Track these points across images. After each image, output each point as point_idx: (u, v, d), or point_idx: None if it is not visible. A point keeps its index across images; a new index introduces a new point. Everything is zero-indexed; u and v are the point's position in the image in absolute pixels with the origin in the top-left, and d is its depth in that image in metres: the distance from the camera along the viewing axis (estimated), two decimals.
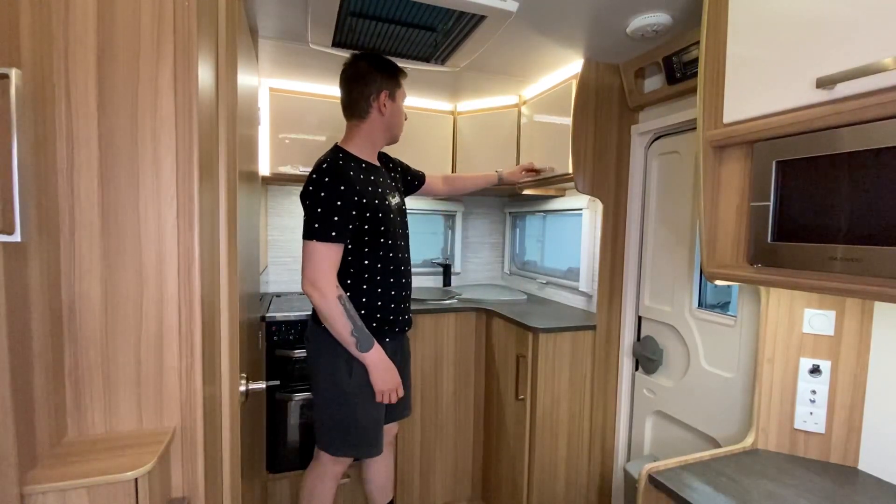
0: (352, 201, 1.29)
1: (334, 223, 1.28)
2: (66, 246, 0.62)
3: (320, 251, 1.28)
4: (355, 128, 1.42)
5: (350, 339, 1.30)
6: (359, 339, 1.30)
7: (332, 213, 1.27)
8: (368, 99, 1.39)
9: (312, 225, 1.28)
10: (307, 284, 1.28)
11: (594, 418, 1.83)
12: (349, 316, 1.29)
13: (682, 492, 0.91)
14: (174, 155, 0.65)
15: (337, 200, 1.28)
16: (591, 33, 1.47)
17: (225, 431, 0.83)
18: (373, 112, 1.40)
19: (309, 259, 1.28)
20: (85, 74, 0.61)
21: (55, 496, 0.54)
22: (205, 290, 0.69)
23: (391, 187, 1.48)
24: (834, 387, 1.03)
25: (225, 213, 0.81)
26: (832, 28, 0.78)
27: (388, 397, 1.37)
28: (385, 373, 1.35)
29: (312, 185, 1.30)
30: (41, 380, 0.57)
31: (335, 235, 1.28)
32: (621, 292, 1.82)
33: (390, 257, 1.41)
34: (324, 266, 1.28)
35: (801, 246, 0.83)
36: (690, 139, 1.56)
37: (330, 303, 1.27)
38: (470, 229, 2.76)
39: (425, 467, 2.09)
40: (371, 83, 1.39)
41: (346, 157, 1.37)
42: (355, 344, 1.30)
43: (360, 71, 1.40)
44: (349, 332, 1.29)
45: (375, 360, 1.34)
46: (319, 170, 1.31)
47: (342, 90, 1.43)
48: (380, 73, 1.40)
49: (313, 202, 1.28)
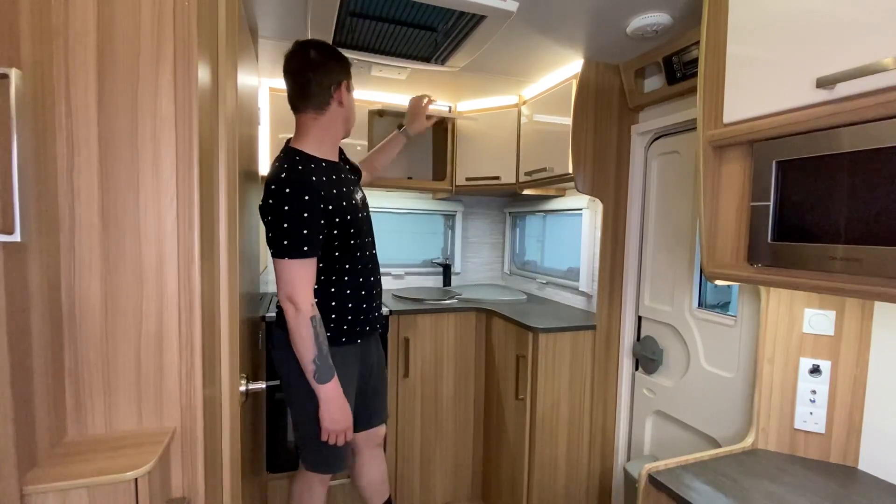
0: (318, 210, 1.19)
1: (304, 237, 1.18)
2: (66, 246, 0.62)
3: (293, 268, 1.18)
4: (312, 121, 1.29)
5: (310, 365, 1.20)
6: (319, 367, 1.20)
7: (299, 226, 1.17)
8: (329, 89, 1.27)
9: (281, 242, 1.17)
10: (283, 299, 1.20)
11: (594, 418, 1.83)
12: (317, 342, 1.20)
13: (682, 492, 0.91)
14: (174, 155, 0.65)
15: (303, 212, 1.17)
16: (591, 33, 1.47)
17: (225, 431, 0.83)
18: (332, 104, 1.29)
19: (282, 277, 1.19)
20: (85, 74, 0.61)
21: (55, 496, 0.54)
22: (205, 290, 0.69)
23: (353, 182, 1.40)
24: (834, 387, 1.03)
25: (225, 213, 0.81)
26: (832, 28, 0.78)
27: (335, 438, 1.26)
28: (337, 411, 1.24)
29: (273, 197, 1.18)
30: (41, 380, 0.57)
31: (307, 250, 1.19)
32: (621, 292, 1.82)
33: (358, 257, 1.34)
34: (299, 282, 1.19)
35: (801, 246, 0.83)
36: (690, 139, 1.56)
37: (302, 321, 1.18)
38: (470, 229, 2.76)
39: (425, 467, 2.09)
40: (330, 72, 1.28)
41: (305, 160, 1.25)
42: (314, 372, 1.20)
43: (315, 59, 1.28)
44: (311, 359, 1.20)
45: (331, 395, 1.23)
46: (279, 180, 1.18)
47: (293, 79, 1.28)
48: (338, 63, 1.30)
49: (277, 217, 1.17)
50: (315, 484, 1.43)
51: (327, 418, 1.24)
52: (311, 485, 1.43)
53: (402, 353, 1.99)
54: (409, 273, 2.61)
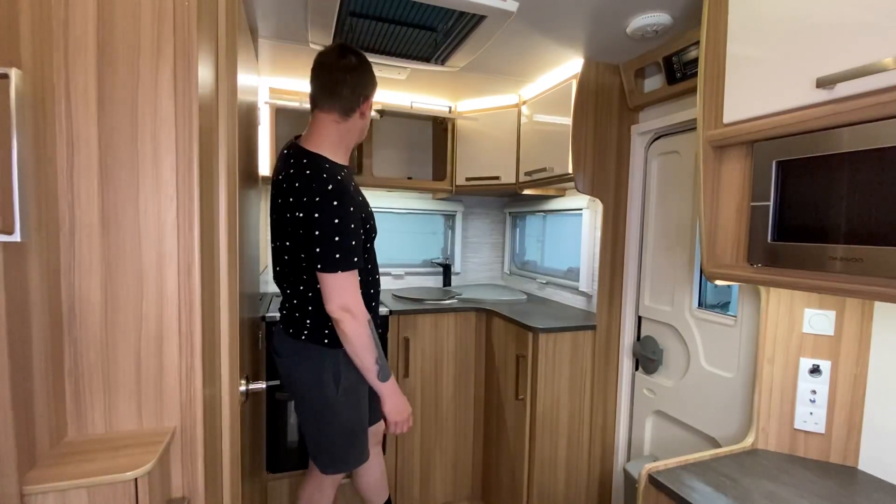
0: (359, 219, 1.21)
1: (353, 249, 1.18)
2: (66, 246, 0.62)
3: (346, 280, 1.18)
4: (333, 124, 1.26)
5: (374, 366, 1.22)
6: (381, 366, 1.24)
7: (349, 238, 1.17)
8: (359, 98, 1.27)
9: (333, 255, 1.15)
10: (338, 310, 1.18)
11: (594, 418, 1.83)
12: (376, 343, 1.23)
13: (682, 492, 0.91)
14: (174, 155, 0.65)
15: (351, 224, 1.17)
16: (590, 33, 1.47)
17: (225, 431, 0.83)
18: (356, 112, 1.28)
19: (334, 290, 1.18)
20: (85, 74, 0.61)
21: (55, 496, 0.54)
22: (205, 290, 0.69)
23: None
24: (834, 387, 1.03)
25: (225, 213, 0.81)
26: (832, 28, 0.78)
27: (402, 427, 1.31)
28: (401, 402, 1.29)
29: (319, 211, 1.15)
30: (41, 380, 0.57)
31: (357, 261, 1.19)
32: (621, 292, 1.82)
33: (369, 259, 1.37)
34: (353, 291, 1.19)
35: (801, 246, 0.83)
36: (690, 139, 1.56)
37: (361, 328, 1.19)
38: (470, 229, 2.76)
39: (425, 467, 2.09)
40: (366, 83, 1.28)
41: (336, 167, 1.23)
42: (377, 372, 1.23)
43: (355, 64, 1.26)
44: (374, 360, 1.22)
45: (393, 390, 1.28)
46: (323, 192, 1.15)
47: (329, 74, 1.24)
48: (372, 77, 1.30)
49: (328, 230, 1.15)
50: (326, 485, 1.44)
51: (394, 411, 1.28)
52: (322, 486, 1.44)
53: (402, 353, 1.99)
54: (409, 273, 2.61)
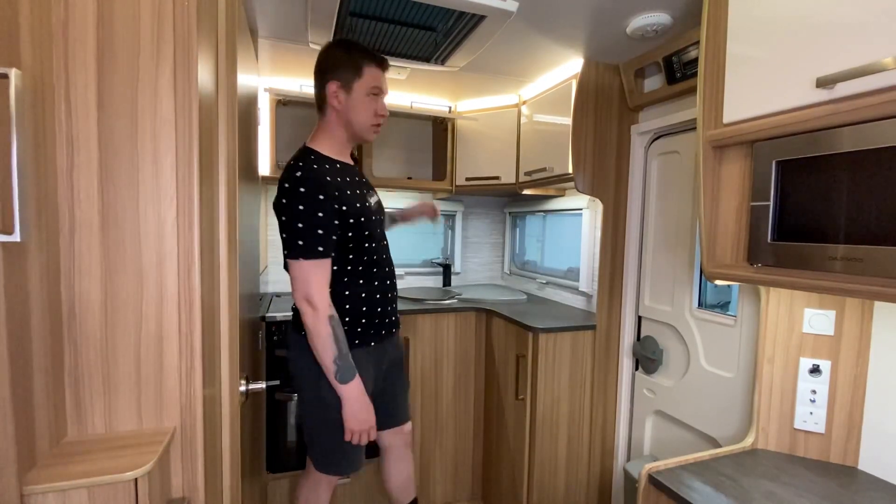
0: (333, 210, 1.19)
1: (319, 237, 1.17)
2: (66, 246, 0.62)
3: (309, 269, 1.17)
4: (320, 123, 1.31)
5: (332, 365, 1.19)
6: (340, 367, 1.20)
7: (314, 226, 1.16)
8: (322, 91, 1.26)
9: (295, 242, 1.17)
10: (300, 300, 1.19)
11: (594, 418, 1.83)
12: (336, 340, 1.19)
13: (682, 492, 0.91)
14: (174, 155, 0.65)
15: (318, 212, 1.16)
16: (590, 33, 1.47)
17: (225, 432, 0.83)
18: (327, 106, 1.27)
19: (298, 278, 1.18)
20: (85, 74, 0.61)
21: (55, 496, 0.54)
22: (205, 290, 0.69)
23: (367, 185, 1.40)
24: (834, 387, 1.03)
25: (225, 213, 0.81)
26: (832, 28, 0.78)
27: (359, 438, 1.24)
28: (361, 410, 1.23)
29: (287, 196, 1.17)
30: (41, 380, 0.57)
31: (322, 251, 1.18)
32: (621, 292, 1.82)
33: (374, 260, 1.33)
34: (316, 283, 1.18)
35: (801, 246, 0.83)
36: (690, 139, 1.56)
37: (320, 322, 1.17)
38: (470, 229, 2.76)
39: (425, 467, 2.09)
40: (324, 72, 1.26)
41: (319, 159, 1.24)
42: (335, 372, 1.19)
43: (318, 59, 1.28)
44: (332, 359, 1.19)
45: (354, 395, 1.22)
46: (293, 178, 1.17)
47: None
48: (332, 62, 1.26)
49: (292, 217, 1.16)
50: (322, 484, 1.42)
51: (351, 418, 1.23)
52: (318, 485, 1.43)
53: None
54: (409, 273, 2.61)
